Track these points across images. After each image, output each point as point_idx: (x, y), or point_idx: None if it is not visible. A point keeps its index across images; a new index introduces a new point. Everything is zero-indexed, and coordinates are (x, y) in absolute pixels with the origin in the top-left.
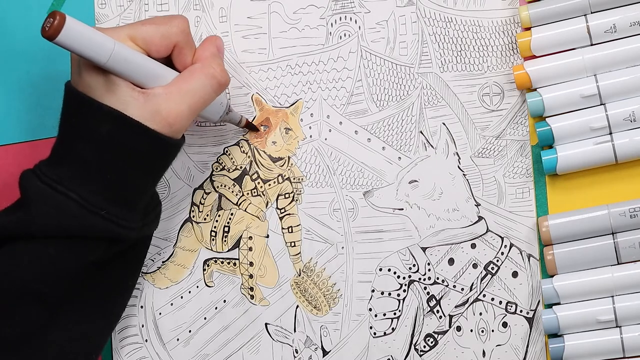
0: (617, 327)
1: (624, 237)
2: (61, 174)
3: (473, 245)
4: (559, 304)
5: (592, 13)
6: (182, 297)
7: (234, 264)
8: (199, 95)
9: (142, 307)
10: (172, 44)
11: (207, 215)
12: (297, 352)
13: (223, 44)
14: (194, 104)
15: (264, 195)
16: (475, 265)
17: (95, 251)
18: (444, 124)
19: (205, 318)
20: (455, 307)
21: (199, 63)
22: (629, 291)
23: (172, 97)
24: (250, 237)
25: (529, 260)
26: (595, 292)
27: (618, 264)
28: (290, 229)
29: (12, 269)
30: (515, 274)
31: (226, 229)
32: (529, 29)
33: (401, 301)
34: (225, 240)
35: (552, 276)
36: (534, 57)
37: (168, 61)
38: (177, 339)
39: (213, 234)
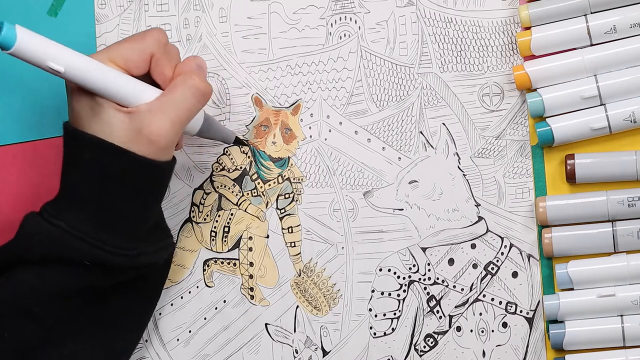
0: (619, 316)
1: (622, 225)
2: (57, 207)
3: (473, 246)
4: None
5: (592, 13)
6: (182, 298)
7: (234, 264)
8: (182, 107)
9: None
10: (149, 57)
11: (207, 216)
12: (297, 353)
13: (204, 62)
14: (176, 117)
15: (264, 195)
16: (475, 266)
17: (87, 277)
18: (444, 124)
19: (205, 318)
20: (455, 307)
21: (180, 76)
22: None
23: (155, 113)
24: (250, 238)
25: (528, 261)
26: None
27: (615, 252)
28: (290, 229)
29: (3, 289)
30: (515, 274)
31: (226, 229)
32: (528, 28)
33: (401, 301)
34: (225, 241)
35: (549, 258)
36: (534, 56)
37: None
38: (177, 339)
39: (213, 234)
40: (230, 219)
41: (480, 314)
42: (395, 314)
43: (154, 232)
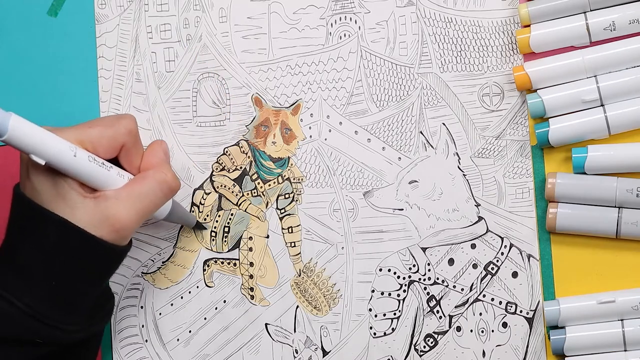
0: (619, 320)
1: (628, 213)
2: (8, 280)
3: (473, 246)
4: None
5: (591, 11)
6: (182, 298)
7: (234, 264)
8: (149, 200)
9: (142, 307)
10: (119, 146)
11: (207, 216)
12: (297, 353)
13: (168, 147)
14: (143, 209)
15: (264, 195)
16: (475, 266)
17: (40, 351)
18: (444, 124)
19: (205, 318)
20: (455, 307)
21: (150, 169)
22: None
23: (121, 202)
24: (251, 238)
25: (528, 261)
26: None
27: (617, 238)
28: (290, 229)
29: None
30: (515, 274)
31: (226, 229)
32: (528, 26)
33: (401, 301)
34: (225, 241)
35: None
36: (534, 54)
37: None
38: (177, 339)
39: (213, 234)
40: (230, 219)
41: (480, 314)
42: (395, 314)
43: (99, 298)
